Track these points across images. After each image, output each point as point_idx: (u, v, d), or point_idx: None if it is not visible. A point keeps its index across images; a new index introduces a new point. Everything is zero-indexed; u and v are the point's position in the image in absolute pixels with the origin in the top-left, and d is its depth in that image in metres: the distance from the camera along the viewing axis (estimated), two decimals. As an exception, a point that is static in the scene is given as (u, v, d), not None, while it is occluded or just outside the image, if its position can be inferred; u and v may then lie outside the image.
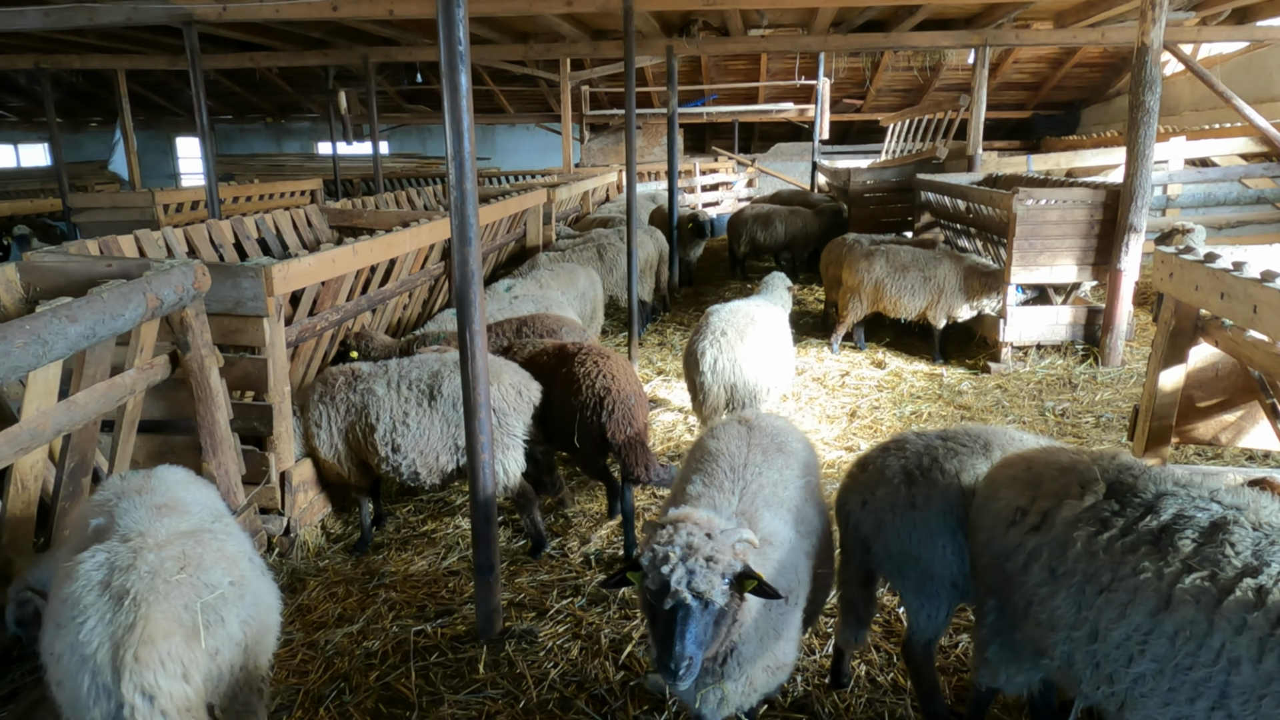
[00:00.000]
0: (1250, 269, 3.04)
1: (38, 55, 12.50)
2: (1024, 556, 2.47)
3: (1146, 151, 7.03)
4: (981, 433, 3.12)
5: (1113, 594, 2.19)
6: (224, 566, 2.57)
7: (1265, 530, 2.10)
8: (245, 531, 3.97)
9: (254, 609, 2.64)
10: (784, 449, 3.13)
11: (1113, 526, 2.29)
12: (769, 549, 2.61)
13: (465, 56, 3.24)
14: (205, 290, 3.92)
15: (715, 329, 5.40)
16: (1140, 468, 2.47)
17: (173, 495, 2.74)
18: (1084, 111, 20.62)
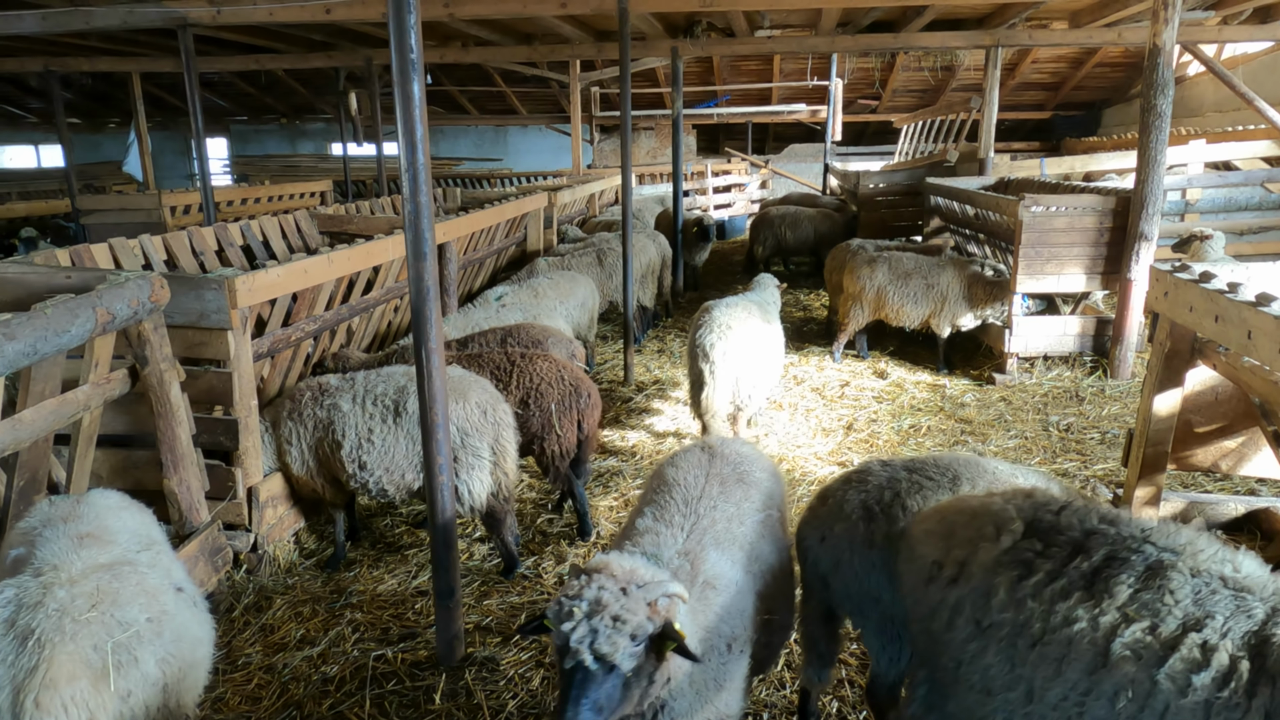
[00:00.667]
0: (1246, 291, 2.84)
1: (47, 58, 12.57)
2: (947, 613, 2.27)
3: (1158, 157, 6.78)
4: (950, 464, 2.94)
5: (1046, 647, 2.00)
6: (142, 602, 2.46)
7: (1205, 578, 1.93)
8: (202, 552, 3.89)
9: (175, 646, 2.52)
10: (745, 479, 2.97)
11: (1038, 569, 2.10)
12: (710, 593, 2.44)
13: (418, 65, 3.11)
14: (164, 303, 3.82)
15: (720, 323, 5.48)
16: (1059, 503, 2.28)
17: (100, 523, 2.64)
18: (1106, 112, 20.20)
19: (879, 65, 18.28)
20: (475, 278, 8.70)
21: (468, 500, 4.39)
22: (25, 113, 23.25)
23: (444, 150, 23.66)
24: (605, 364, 8.58)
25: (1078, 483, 5.45)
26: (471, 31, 11.37)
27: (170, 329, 4.11)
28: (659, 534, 2.62)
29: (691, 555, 2.53)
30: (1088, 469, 5.67)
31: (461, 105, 21.74)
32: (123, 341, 3.83)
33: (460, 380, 4.50)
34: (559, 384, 4.77)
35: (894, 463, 3.03)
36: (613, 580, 2.09)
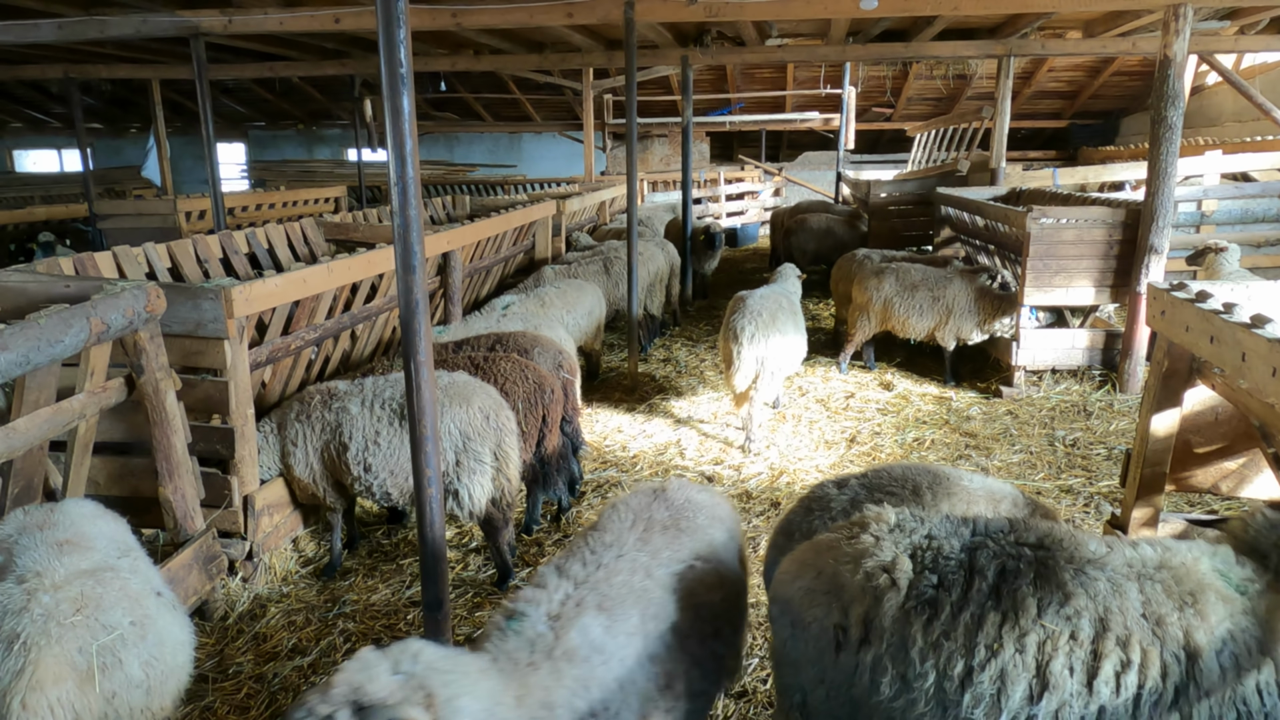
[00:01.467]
0: (1241, 312, 2.79)
1: (67, 65, 12.75)
2: (867, 675, 2.16)
3: (1169, 169, 6.70)
4: (907, 475, 2.88)
5: (979, 686, 1.98)
6: (125, 606, 2.49)
7: (1089, 570, 2.05)
8: (196, 560, 3.90)
9: (158, 649, 2.56)
10: (679, 526, 2.78)
11: (944, 605, 2.07)
12: (565, 667, 2.23)
13: (407, 79, 3.12)
14: (159, 313, 3.85)
15: (753, 310, 6.31)
16: (916, 520, 2.27)
17: (77, 531, 2.66)
18: (1124, 121, 20.02)
19: (891, 74, 18.21)
20: (482, 285, 8.72)
21: (468, 505, 4.40)
22: (48, 118, 23.60)
23: (459, 156, 23.80)
24: (611, 373, 8.57)
25: (1081, 500, 5.38)
26: (482, 40, 11.42)
27: (168, 338, 4.14)
28: (540, 592, 2.44)
29: (561, 621, 2.33)
30: (1092, 485, 5.60)
31: (476, 112, 21.86)
32: (120, 350, 3.86)
33: (464, 385, 4.52)
34: (523, 382, 4.81)
35: (848, 481, 2.98)
36: (336, 695, 1.78)
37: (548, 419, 4.90)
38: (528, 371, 4.87)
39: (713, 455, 6.28)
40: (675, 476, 5.77)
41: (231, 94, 21.75)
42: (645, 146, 21.86)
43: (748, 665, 3.75)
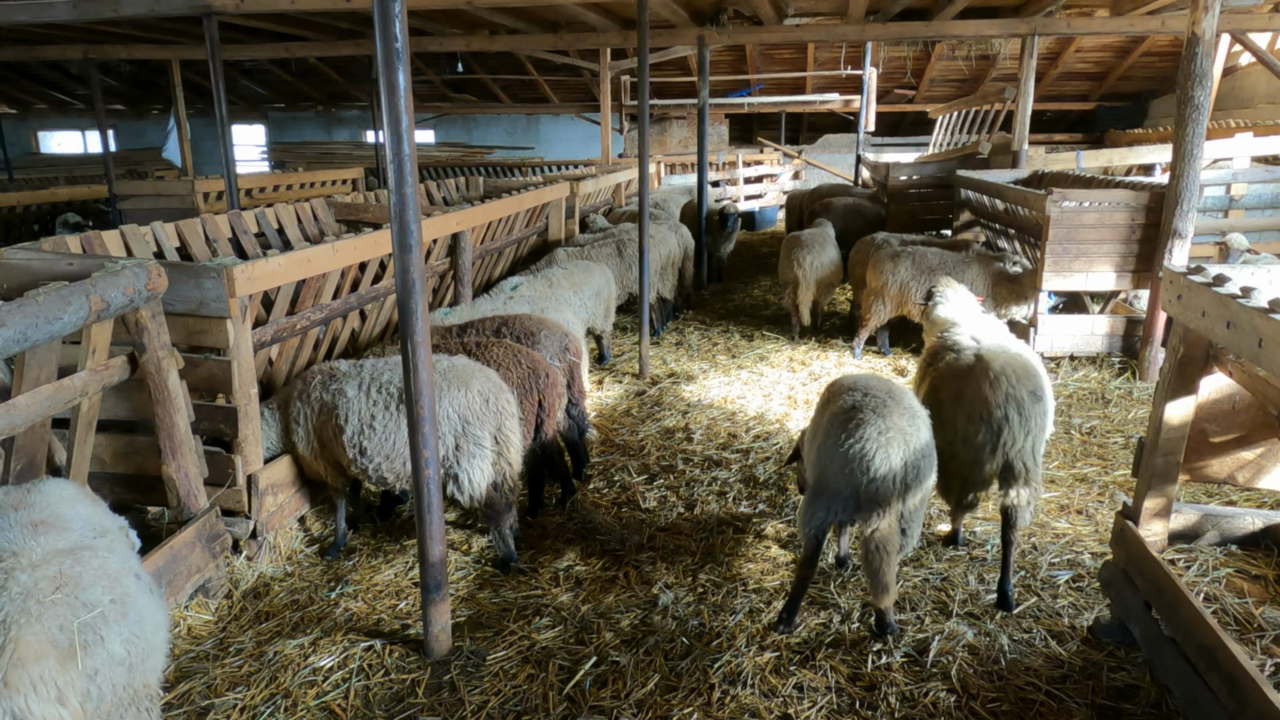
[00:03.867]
0: (1259, 297, 2.69)
1: (86, 45, 12.81)
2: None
3: (1194, 151, 6.50)
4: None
5: None
6: (105, 584, 2.48)
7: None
8: (199, 538, 3.91)
9: (139, 627, 2.56)
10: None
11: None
12: None
13: (403, 54, 3.07)
14: (161, 291, 3.84)
15: (807, 243, 8.81)
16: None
17: (53, 512, 2.66)
18: (1153, 103, 19.56)
19: (912, 54, 17.88)
20: (495, 267, 8.69)
21: (468, 490, 4.38)
22: (72, 99, 23.80)
23: (476, 138, 23.74)
24: (621, 356, 8.52)
25: (1095, 488, 5.28)
26: (497, 20, 11.33)
27: (171, 317, 4.15)
28: None
29: None
30: (1107, 474, 5.49)
31: (494, 93, 21.77)
32: (122, 328, 3.86)
33: (464, 369, 4.48)
34: (516, 368, 4.77)
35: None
36: None
37: (544, 404, 4.85)
38: (521, 357, 4.83)
39: (720, 440, 6.23)
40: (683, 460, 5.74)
41: (250, 75, 21.81)
42: (663, 129, 21.69)
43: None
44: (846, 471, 3.54)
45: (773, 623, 3.90)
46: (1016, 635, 3.77)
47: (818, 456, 3.73)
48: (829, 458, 3.62)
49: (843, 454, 3.54)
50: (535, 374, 4.92)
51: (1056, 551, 4.49)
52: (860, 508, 3.56)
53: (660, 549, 4.63)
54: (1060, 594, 4.09)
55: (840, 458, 3.55)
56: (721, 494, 5.31)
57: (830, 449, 3.62)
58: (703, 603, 4.07)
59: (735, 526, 4.86)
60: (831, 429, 3.66)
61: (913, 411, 3.68)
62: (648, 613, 4.02)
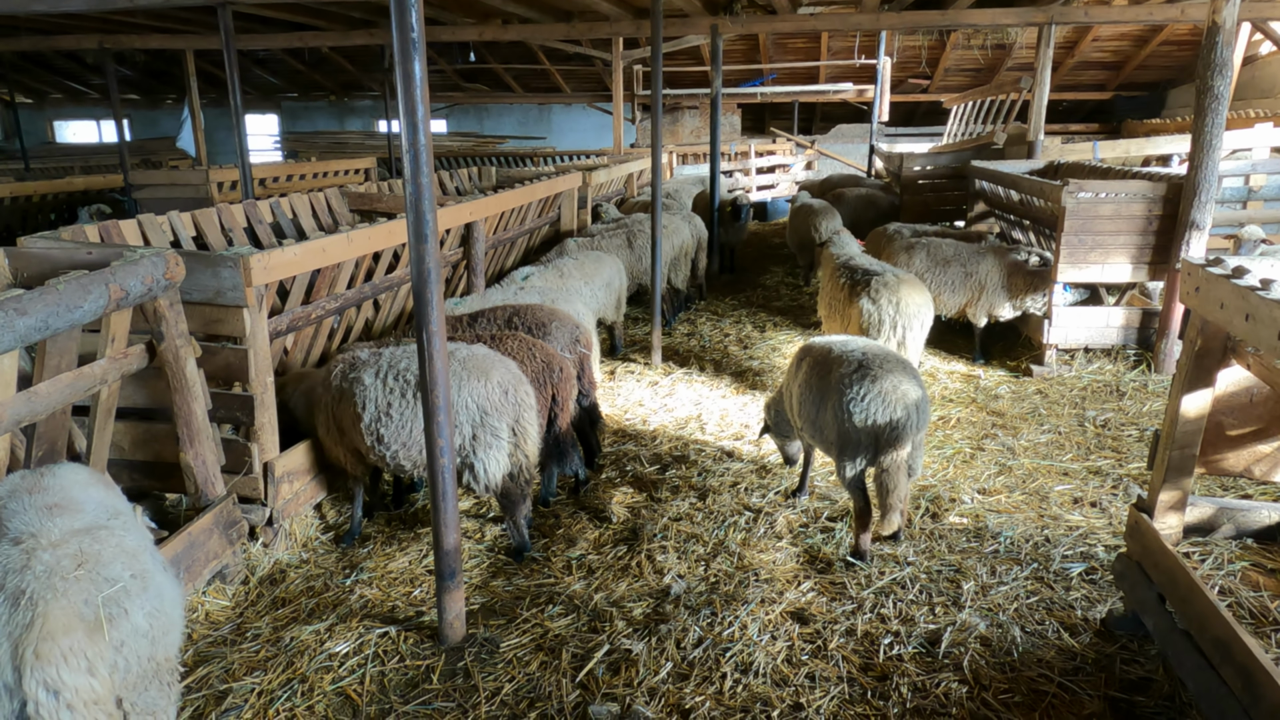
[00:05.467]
0: (1278, 289, 2.67)
1: (101, 35, 12.87)
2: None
3: (1214, 141, 6.43)
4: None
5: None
6: (124, 560, 2.54)
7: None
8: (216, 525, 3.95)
9: (159, 601, 2.62)
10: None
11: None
12: None
13: (419, 44, 3.07)
14: (179, 280, 3.88)
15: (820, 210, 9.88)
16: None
17: (66, 495, 2.71)
18: (1171, 93, 19.33)
19: (926, 43, 17.73)
20: (507, 257, 8.71)
21: (483, 479, 4.40)
22: (87, 89, 23.94)
23: (489, 128, 23.74)
24: (634, 346, 8.53)
25: (1109, 481, 5.26)
26: (509, 9, 11.31)
27: (188, 305, 4.18)
28: None
29: None
30: (1122, 467, 5.46)
31: (506, 83, 21.74)
32: (141, 317, 3.90)
33: (484, 359, 4.50)
34: (530, 361, 4.78)
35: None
36: None
37: (558, 397, 4.87)
38: (536, 350, 4.84)
39: (733, 431, 6.23)
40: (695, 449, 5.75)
41: (264, 65, 21.87)
42: (675, 118, 21.62)
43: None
44: (870, 424, 4.13)
45: (787, 612, 3.92)
46: (1029, 627, 3.77)
47: (833, 419, 4.29)
48: (845, 416, 4.20)
49: (864, 409, 4.14)
50: (549, 368, 4.93)
51: (1070, 544, 4.48)
52: (884, 448, 4.15)
53: (673, 538, 4.64)
54: (1073, 586, 4.09)
55: (862, 413, 4.14)
56: (734, 484, 5.32)
57: (847, 408, 4.19)
58: (715, 593, 4.09)
59: (748, 517, 4.87)
60: (845, 390, 4.23)
61: (900, 358, 4.37)
62: (660, 602, 4.04)
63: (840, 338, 4.78)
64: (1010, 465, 5.52)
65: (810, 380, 4.56)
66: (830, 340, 4.74)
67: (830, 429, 4.35)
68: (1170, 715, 3.20)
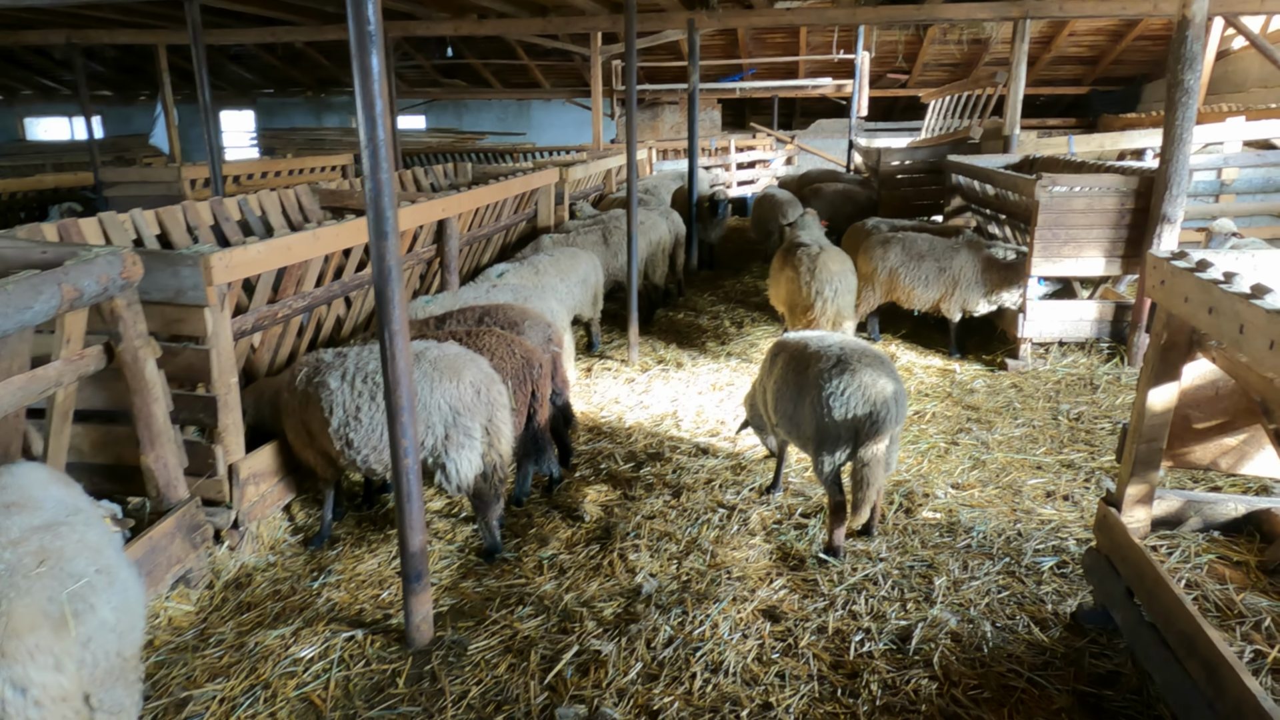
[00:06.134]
0: (1241, 282, 2.66)
1: (69, 30, 12.64)
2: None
3: (1184, 135, 6.47)
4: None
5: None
6: (88, 556, 2.50)
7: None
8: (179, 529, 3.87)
9: (124, 596, 2.58)
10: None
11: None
12: None
13: (375, 37, 3.01)
14: (136, 279, 3.79)
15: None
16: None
17: (24, 494, 2.66)
18: (1146, 87, 19.47)
19: (903, 38, 17.77)
20: (483, 254, 8.63)
21: (455, 479, 4.35)
22: (58, 85, 23.53)
23: (468, 124, 23.58)
24: (611, 343, 8.49)
25: (1082, 475, 5.28)
26: (485, 3, 11.21)
27: (149, 305, 4.10)
28: None
29: None
30: (1095, 460, 5.48)
31: (485, 79, 21.59)
32: (98, 317, 3.81)
33: (455, 358, 4.44)
34: (510, 358, 4.73)
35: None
36: None
37: (537, 394, 4.83)
38: (515, 347, 4.79)
39: (709, 427, 6.21)
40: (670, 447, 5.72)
41: (239, 61, 21.60)
42: (655, 114, 21.56)
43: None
44: (849, 418, 4.13)
45: (759, 610, 3.89)
46: (1000, 622, 3.77)
47: (811, 414, 4.28)
48: (824, 411, 4.19)
49: (844, 403, 4.13)
50: (529, 364, 4.88)
51: (1041, 538, 4.49)
52: (863, 442, 4.12)
53: (646, 537, 4.61)
54: (1045, 581, 4.09)
55: (841, 407, 4.14)
56: (709, 481, 5.29)
57: (827, 403, 4.18)
58: (686, 591, 4.06)
59: (721, 514, 4.84)
60: (824, 384, 4.21)
61: (877, 353, 4.39)
62: (631, 601, 4.01)
63: (816, 333, 4.76)
64: (984, 459, 5.53)
65: (787, 376, 4.54)
66: (806, 336, 4.72)
67: (808, 424, 4.33)
68: (1137, 709, 3.20)
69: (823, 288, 6.83)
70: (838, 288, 6.84)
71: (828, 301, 6.83)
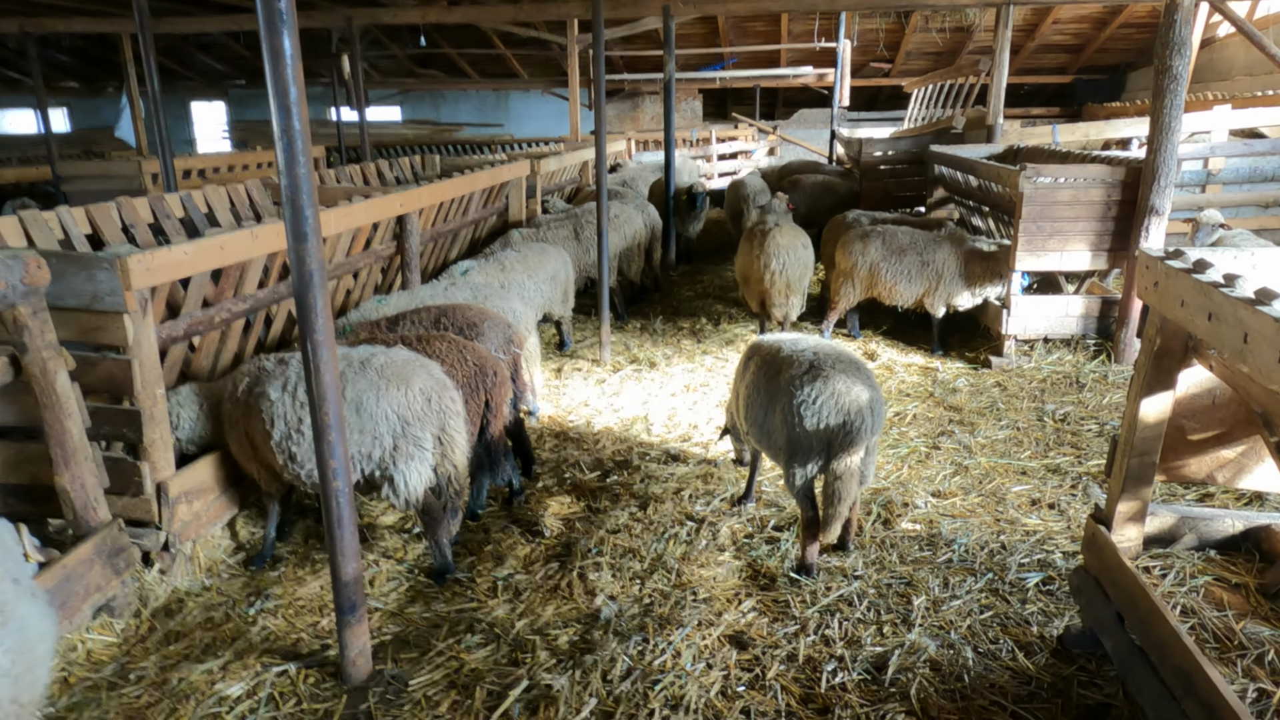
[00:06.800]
0: (1244, 286, 2.40)
1: (22, 19, 12.17)
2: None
3: (1172, 124, 6.23)
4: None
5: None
6: None
7: None
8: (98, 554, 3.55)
9: (20, 637, 2.27)
10: None
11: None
12: None
13: (287, 16, 2.70)
14: (42, 285, 3.46)
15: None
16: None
17: None
18: (1131, 76, 19.30)
19: (884, 26, 17.48)
20: (450, 250, 8.30)
21: (404, 493, 4.07)
22: (23, 76, 22.87)
23: (445, 115, 23.13)
24: (583, 342, 8.19)
25: (1069, 480, 5.04)
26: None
27: (64, 311, 3.78)
28: None
29: None
30: (1081, 465, 5.25)
31: (461, 69, 21.15)
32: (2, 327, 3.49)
33: (404, 365, 4.15)
34: (462, 365, 4.44)
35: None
36: None
37: (491, 403, 4.53)
38: (467, 353, 4.49)
39: (681, 432, 5.93)
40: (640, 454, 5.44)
41: (208, 51, 21.04)
42: (635, 104, 21.23)
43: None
44: (822, 428, 3.86)
45: (725, 636, 3.63)
46: (982, 647, 3.52)
47: (781, 422, 4.01)
48: (795, 420, 3.91)
49: (816, 412, 3.86)
50: (483, 371, 4.58)
51: (1026, 550, 4.24)
52: (836, 453, 3.86)
53: (608, 554, 4.33)
54: (1030, 599, 3.84)
55: (813, 416, 3.86)
56: (678, 490, 5.02)
57: (798, 412, 3.91)
58: (648, 615, 3.79)
59: (689, 528, 4.57)
60: (795, 392, 3.94)
61: (853, 358, 4.13)
62: (589, 628, 3.73)
63: (791, 336, 4.49)
64: (967, 464, 5.28)
65: (758, 381, 4.27)
66: (780, 339, 4.44)
67: (779, 433, 4.07)
68: (1130, 746, 2.96)
69: (770, 260, 7.28)
70: (786, 260, 7.29)
71: (775, 274, 7.30)
